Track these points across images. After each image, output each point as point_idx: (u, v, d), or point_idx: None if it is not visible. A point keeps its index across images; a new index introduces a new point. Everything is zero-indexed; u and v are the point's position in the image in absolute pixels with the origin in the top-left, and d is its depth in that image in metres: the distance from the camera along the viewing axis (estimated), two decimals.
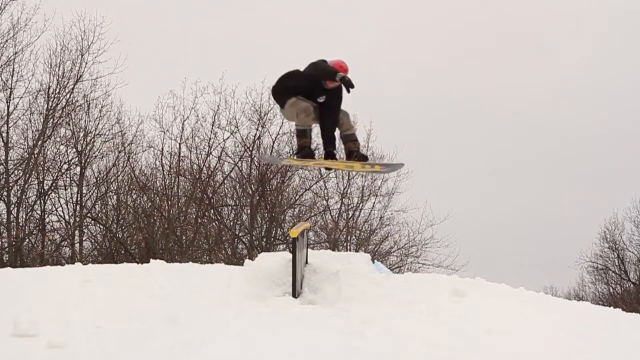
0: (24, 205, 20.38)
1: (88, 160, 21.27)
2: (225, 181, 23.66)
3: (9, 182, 19.76)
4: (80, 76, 20.73)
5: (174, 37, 35.62)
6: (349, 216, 24.42)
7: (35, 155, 20.30)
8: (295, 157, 8.55)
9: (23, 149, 20.67)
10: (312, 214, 24.14)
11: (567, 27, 44.63)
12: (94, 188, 21.82)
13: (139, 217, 22.08)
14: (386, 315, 6.67)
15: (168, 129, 22.65)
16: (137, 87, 25.38)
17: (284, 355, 5.24)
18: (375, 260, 14.28)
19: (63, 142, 21.11)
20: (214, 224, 23.29)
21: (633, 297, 27.27)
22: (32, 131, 20.55)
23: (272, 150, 23.12)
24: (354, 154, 8.42)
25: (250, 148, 23.06)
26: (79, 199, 21.18)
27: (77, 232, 21.29)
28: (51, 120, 20.46)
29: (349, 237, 24.28)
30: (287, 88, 8.33)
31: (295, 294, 7.77)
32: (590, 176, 37.73)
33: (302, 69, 8.38)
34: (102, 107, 21.39)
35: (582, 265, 29.28)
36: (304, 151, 8.31)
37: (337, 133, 8.56)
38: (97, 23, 20.99)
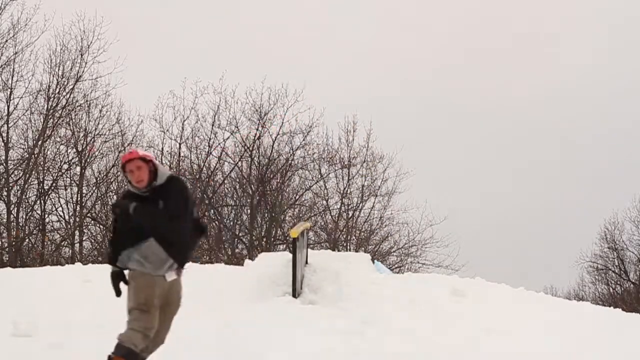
0: (24, 205, 20.37)
1: (88, 160, 21.27)
2: (225, 181, 23.68)
3: (9, 182, 19.74)
4: (80, 76, 20.76)
5: (174, 37, 35.62)
6: (349, 216, 24.40)
7: (35, 155, 20.28)
8: None
9: (23, 149, 20.69)
10: (312, 214, 24.12)
11: (567, 27, 44.66)
12: (94, 188, 21.81)
13: None
14: (386, 315, 6.68)
15: (168, 129, 22.71)
16: (137, 87, 25.37)
17: (284, 355, 5.24)
18: (375, 260, 14.29)
19: (63, 142, 21.12)
20: (214, 224, 23.27)
21: (633, 297, 27.24)
22: (32, 131, 20.58)
23: (272, 150, 23.15)
24: None
25: (250, 148, 23.07)
26: (79, 199, 21.17)
27: (77, 232, 21.29)
28: (51, 120, 20.45)
29: (349, 237, 24.26)
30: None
31: (295, 293, 7.77)
32: (590, 176, 37.74)
33: None
34: (102, 107, 21.43)
35: (582, 265, 29.26)
36: None
37: None
38: (96, 23, 21.05)
